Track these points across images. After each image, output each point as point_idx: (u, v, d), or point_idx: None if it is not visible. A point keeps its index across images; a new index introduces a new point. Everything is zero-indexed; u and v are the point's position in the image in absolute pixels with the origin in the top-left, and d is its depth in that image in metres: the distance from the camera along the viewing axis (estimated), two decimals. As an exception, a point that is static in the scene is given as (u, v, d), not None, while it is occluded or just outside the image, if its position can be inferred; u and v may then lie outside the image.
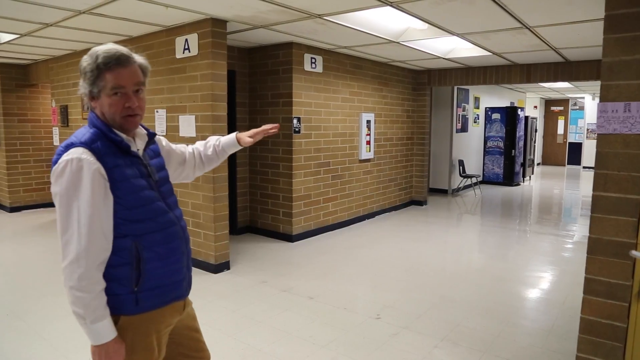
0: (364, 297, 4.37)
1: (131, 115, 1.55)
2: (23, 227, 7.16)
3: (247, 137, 2.01)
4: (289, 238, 6.24)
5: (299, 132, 6.11)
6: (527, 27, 4.86)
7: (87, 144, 1.47)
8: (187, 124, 4.98)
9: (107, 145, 1.51)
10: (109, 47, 1.51)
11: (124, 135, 1.57)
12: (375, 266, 5.27)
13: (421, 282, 4.73)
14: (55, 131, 7.55)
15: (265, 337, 3.48)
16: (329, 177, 6.73)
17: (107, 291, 1.49)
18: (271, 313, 3.93)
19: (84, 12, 4.36)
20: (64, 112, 7.17)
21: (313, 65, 6.23)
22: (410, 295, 4.36)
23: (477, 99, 11.60)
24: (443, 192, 10.52)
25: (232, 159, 6.29)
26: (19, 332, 3.55)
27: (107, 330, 1.47)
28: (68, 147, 1.47)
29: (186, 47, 4.86)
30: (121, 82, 1.51)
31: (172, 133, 5.19)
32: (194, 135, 4.90)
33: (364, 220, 7.60)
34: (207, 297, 4.26)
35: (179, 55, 4.97)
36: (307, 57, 6.13)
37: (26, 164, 8.25)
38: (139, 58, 1.59)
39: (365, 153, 7.40)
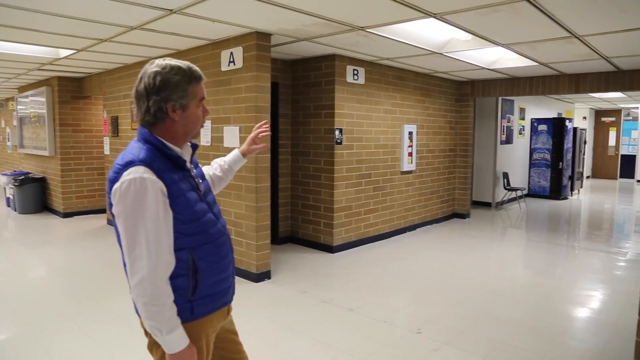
0: (404, 311, 4.31)
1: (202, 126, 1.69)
2: (75, 232, 7.49)
3: (248, 146, 2.13)
4: (330, 249, 6.25)
5: (340, 143, 6.13)
6: (576, 37, 4.72)
7: (147, 162, 1.49)
8: (231, 135, 5.10)
9: (163, 161, 1.54)
10: (185, 62, 1.63)
11: (178, 150, 1.62)
12: (416, 279, 5.20)
13: (464, 297, 4.63)
14: (106, 141, 7.89)
15: (305, 348, 3.49)
16: (370, 189, 6.71)
17: None
18: (311, 324, 3.94)
19: (135, 28, 4.56)
20: (115, 122, 7.49)
21: (355, 77, 6.26)
22: (453, 310, 4.27)
23: (522, 110, 11.31)
24: (486, 205, 10.28)
25: (274, 169, 6.38)
26: (70, 333, 3.71)
27: (182, 339, 1.52)
28: (127, 166, 1.48)
29: (231, 60, 4.99)
30: (204, 95, 1.67)
31: (217, 144, 5.32)
32: (237, 145, 5.00)
33: (405, 232, 7.51)
34: (248, 305, 4.32)
35: (224, 67, 5.11)
36: (350, 68, 6.17)
37: (79, 172, 8.66)
38: None
39: (407, 165, 7.34)
